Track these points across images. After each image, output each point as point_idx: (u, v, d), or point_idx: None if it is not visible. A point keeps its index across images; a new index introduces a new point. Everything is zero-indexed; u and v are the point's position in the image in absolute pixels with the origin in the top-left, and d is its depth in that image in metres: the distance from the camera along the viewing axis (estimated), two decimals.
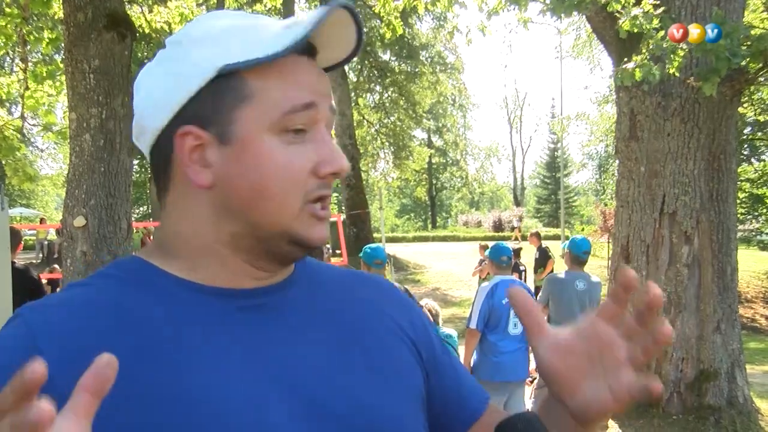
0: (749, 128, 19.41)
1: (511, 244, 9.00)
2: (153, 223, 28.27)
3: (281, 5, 18.84)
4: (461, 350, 5.67)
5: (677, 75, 6.38)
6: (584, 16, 8.72)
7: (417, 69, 32.24)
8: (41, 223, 27.49)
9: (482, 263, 12.31)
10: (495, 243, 6.28)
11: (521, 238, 32.66)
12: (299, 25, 0.83)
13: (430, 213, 66.53)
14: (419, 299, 6.25)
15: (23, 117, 11.54)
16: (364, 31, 0.89)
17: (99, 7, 5.76)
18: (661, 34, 6.08)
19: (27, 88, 9.71)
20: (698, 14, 6.74)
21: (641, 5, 6.28)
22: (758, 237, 24.40)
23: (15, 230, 5.85)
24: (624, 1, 6.44)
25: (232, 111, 0.85)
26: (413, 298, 5.62)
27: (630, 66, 6.20)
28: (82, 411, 0.59)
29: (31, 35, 8.88)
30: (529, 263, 13.43)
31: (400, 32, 11.97)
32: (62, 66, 7.57)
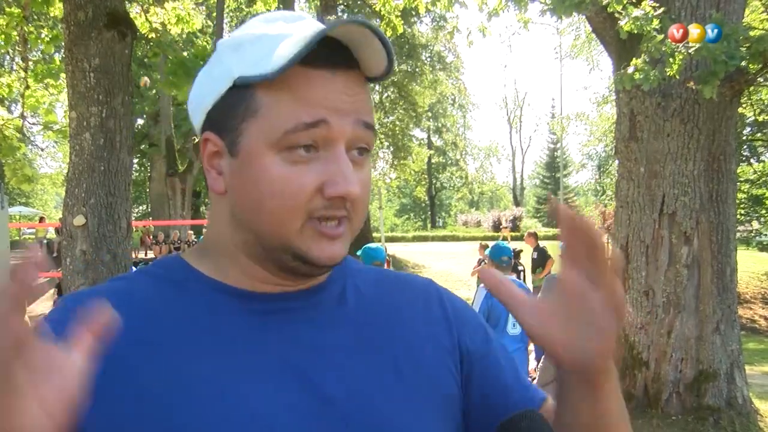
0: (749, 129, 19.41)
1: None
2: (152, 222, 28.29)
3: (280, 5, 18.84)
4: None
5: (677, 77, 6.38)
6: (584, 17, 8.72)
7: (417, 69, 32.26)
8: (41, 222, 27.48)
9: (482, 263, 12.30)
10: (495, 243, 6.28)
11: (510, 239, 32.76)
12: (299, 42, 0.80)
13: (430, 213, 66.53)
14: None
15: (23, 116, 11.53)
16: (392, 48, 0.85)
17: (99, 6, 5.77)
18: (661, 37, 6.08)
19: (27, 87, 9.71)
20: (698, 15, 6.73)
21: (641, 6, 6.28)
22: (758, 238, 24.39)
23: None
24: (624, 2, 6.44)
25: (241, 123, 0.84)
26: None
27: (630, 70, 6.20)
28: (81, 344, 0.66)
29: (32, 34, 8.88)
30: (527, 263, 13.40)
31: (401, 31, 11.97)
32: (62, 65, 7.57)
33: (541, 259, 12.98)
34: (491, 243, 6.85)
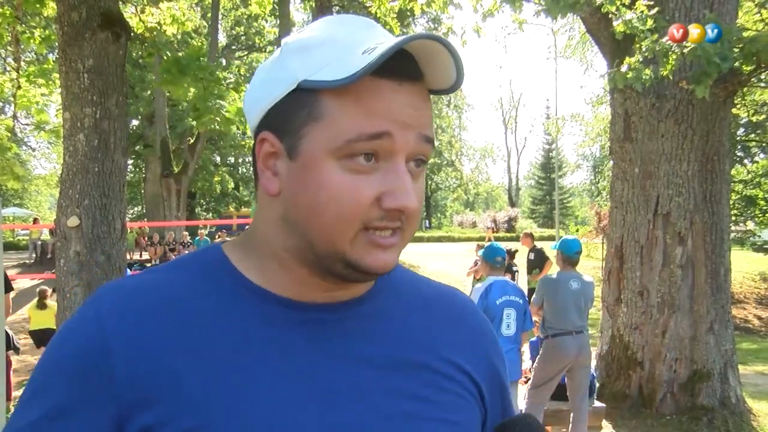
0: (743, 130, 19.45)
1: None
2: (147, 223, 28.23)
3: (276, 5, 18.81)
4: None
5: (670, 78, 6.40)
6: (579, 17, 8.74)
7: None
8: (34, 223, 27.39)
9: (477, 263, 12.29)
10: (489, 244, 6.28)
11: (493, 240, 32.80)
12: (375, 52, 0.79)
13: (425, 213, 66.55)
14: None
15: (15, 117, 11.51)
16: (462, 64, 0.84)
17: (93, 7, 5.74)
18: (655, 37, 6.09)
19: (19, 88, 9.68)
20: (692, 16, 6.75)
21: (635, 6, 6.29)
22: (751, 238, 24.43)
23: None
24: (618, 3, 6.45)
25: (303, 127, 0.83)
26: None
27: (623, 69, 6.22)
28: None
29: (24, 34, 8.86)
30: (522, 264, 13.37)
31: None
32: (55, 65, 7.55)
33: (538, 260, 12.92)
34: (486, 243, 6.84)
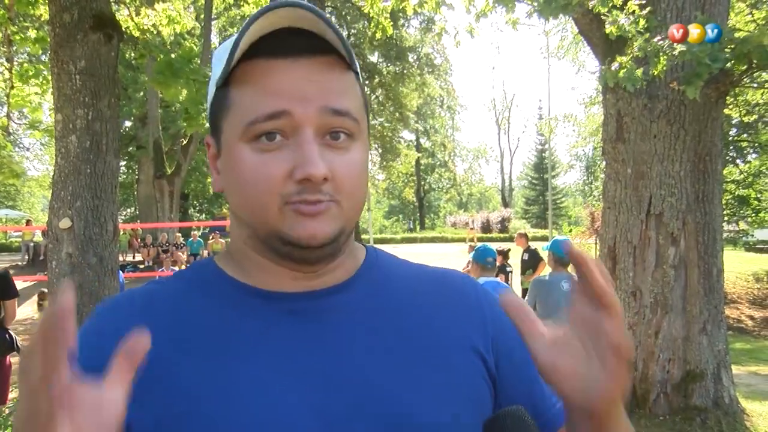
0: (735, 130, 19.50)
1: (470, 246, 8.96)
2: (140, 225, 28.17)
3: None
4: None
5: (661, 77, 6.41)
6: (571, 18, 8.75)
7: (405, 71, 32.27)
8: (27, 225, 27.30)
9: (469, 264, 12.28)
10: (479, 245, 6.29)
11: (476, 240, 32.88)
12: (247, 36, 0.83)
13: (419, 214, 66.55)
14: None
15: (9, 116, 11.49)
16: (338, 29, 0.85)
17: (85, 8, 5.74)
18: (646, 36, 6.10)
19: (12, 88, 9.66)
20: (683, 17, 6.76)
21: (627, 7, 6.30)
22: (744, 238, 24.51)
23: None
24: (610, 5, 6.45)
25: (221, 121, 0.90)
26: None
27: (615, 67, 6.22)
28: (119, 377, 0.68)
29: (17, 35, 8.83)
30: (516, 264, 13.37)
31: (390, 33, 11.97)
32: (47, 65, 7.53)
33: (532, 261, 12.92)
34: (480, 244, 6.85)
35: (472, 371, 0.97)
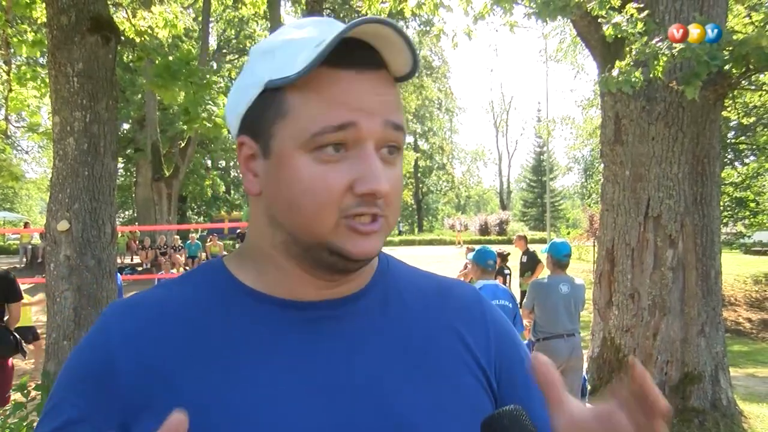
0: (733, 132, 19.53)
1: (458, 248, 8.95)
2: (139, 227, 28.14)
3: (266, 8, 18.81)
4: None
5: (661, 79, 6.41)
6: (569, 20, 8.75)
7: None
8: (25, 228, 27.26)
9: (468, 266, 12.27)
10: (480, 247, 6.28)
11: (462, 243, 32.93)
12: (322, 44, 0.81)
13: (417, 217, 66.54)
14: None
15: (7, 119, 11.48)
16: (415, 47, 0.86)
17: (83, 11, 5.73)
18: (644, 39, 6.11)
19: (11, 90, 9.66)
20: (681, 19, 6.77)
21: (625, 9, 6.30)
22: (741, 240, 24.53)
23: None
24: (607, 7, 6.46)
25: (272, 126, 0.87)
26: None
27: (614, 73, 6.23)
28: None
29: (15, 38, 8.83)
30: (515, 267, 13.37)
31: None
32: (44, 68, 7.53)
33: (531, 263, 12.93)
34: (476, 246, 6.85)
35: (477, 387, 0.98)
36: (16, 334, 5.82)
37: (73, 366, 0.89)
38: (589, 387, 7.16)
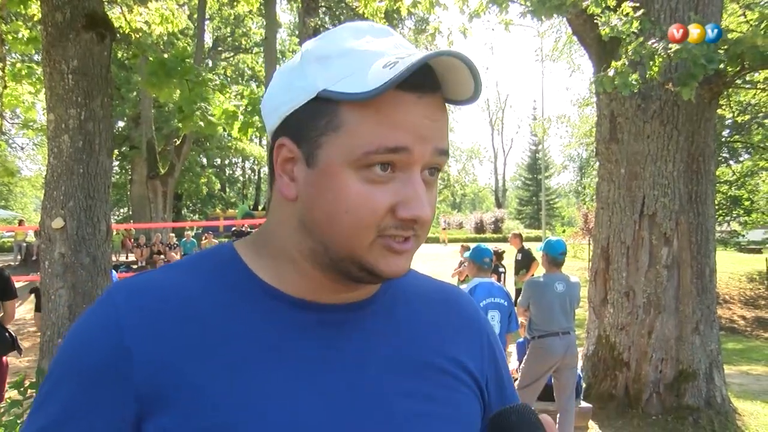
0: (728, 131, 19.55)
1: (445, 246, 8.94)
2: (134, 225, 28.08)
3: (262, 6, 18.78)
4: None
5: (657, 79, 6.42)
6: (565, 19, 8.76)
7: None
8: (20, 225, 27.18)
9: (462, 265, 12.28)
10: (476, 245, 6.27)
11: (447, 242, 32.93)
12: (395, 69, 0.79)
13: None
14: None
15: (2, 116, 11.44)
16: (480, 77, 0.85)
17: (77, 7, 5.71)
18: (641, 39, 6.11)
19: (5, 87, 9.62)
20: (677, 17, 6.78)
21: (621, 8, 6.30)
22: (736, 238, 24.58)
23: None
24: (603, 6, 6.46)
25: (321, 136, 0.84)
26: None
27: (610, 73, 6.23)
28: None
29: (9, 34, 8.80)
30: (510, 265, 13.39)
31: None
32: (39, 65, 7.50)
33: (525, 261, 12.95)
34: (472, 245, 6.84)
35: (472, 395, 1.01)
36: (12, 332, 5.81)
37: (79, 354, 0.85)
38: (584, 385, 7.18)
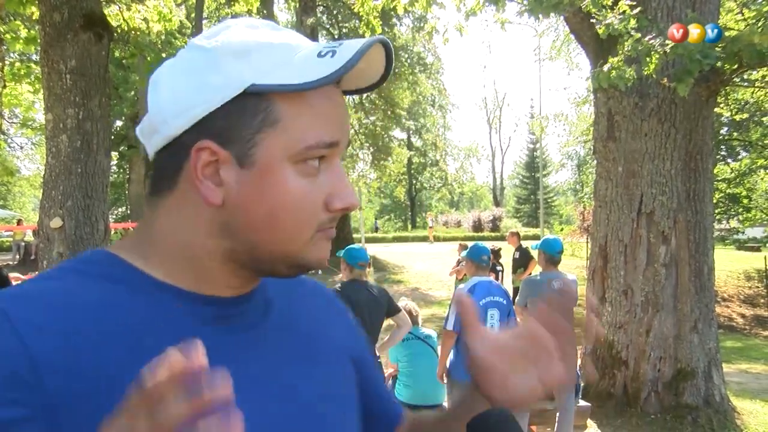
0: (726, 129, 19.58)
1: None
2: (132, 224, 28.06)
3: (259, 6, 18.76)
4: (440, 350, 5.69)
5: (654, 76, 6.42)
6: (562, 18, 8.76)
7: (396, 70, 32.24)
8: (18, 225, 27.14)
9: (460, 263, 12.27)
10: (474, 243, 6.27)
11: (433, 240, 32.97)
12: (337, 58, 0.78)
13: (410, 213, 66.50)
14: (398, 299, 6.25)
15: (1, 115, 11.45)
16: (393, 63, 0.86)
17: (75, 8, 5.72)
18: (637, 36, 6.11)
19: (4, 86, 9.63)
20: (674, 16, 6.78)
21: (618, 6, 6.31)
22: (734, 236, 24.61)
23: None
24: (600, 4, 6.46)
25: (257, 134, 0.81)
26: (390, 298, 5.62)
27: (606, 68, 6.24)
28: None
29: (8, 34, 8.80)
30: (508, 263, 13.38)
31: (380, 32, 11.96)
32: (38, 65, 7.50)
33: (523, 260, 12.92)
34: (469, 243, 6.84)
35: (351, 375, 1.04)
36: None
37: None
38: (583, 383, 7.18)
